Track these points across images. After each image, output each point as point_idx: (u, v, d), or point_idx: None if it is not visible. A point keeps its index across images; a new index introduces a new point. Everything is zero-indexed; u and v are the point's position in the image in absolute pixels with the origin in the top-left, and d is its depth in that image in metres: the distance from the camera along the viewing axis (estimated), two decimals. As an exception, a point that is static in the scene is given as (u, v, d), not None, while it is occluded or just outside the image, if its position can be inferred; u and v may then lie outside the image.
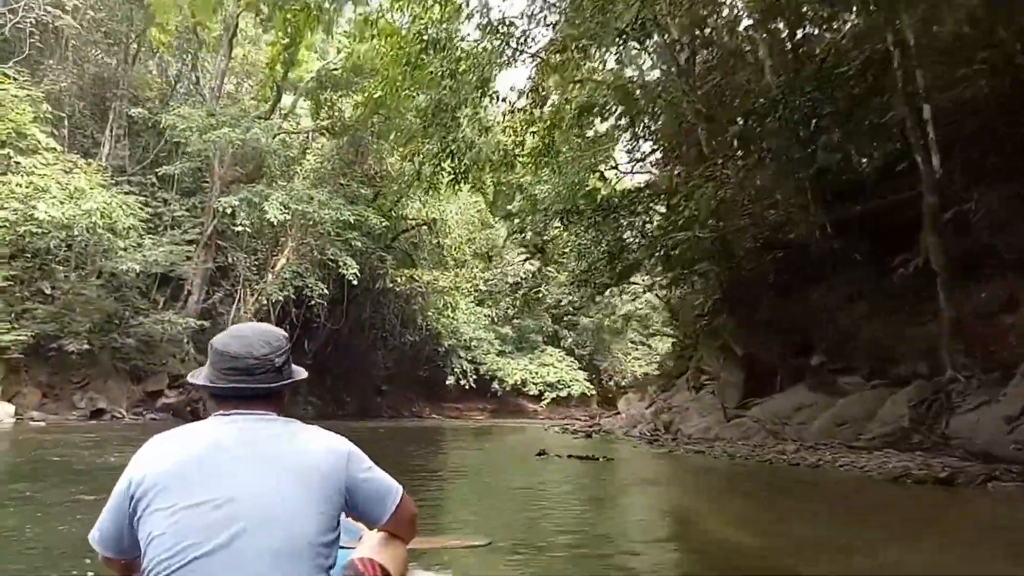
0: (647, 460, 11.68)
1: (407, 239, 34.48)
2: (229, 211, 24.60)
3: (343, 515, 1.83)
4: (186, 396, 25.71)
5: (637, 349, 54.74)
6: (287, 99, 31.75)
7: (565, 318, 50.89)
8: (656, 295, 25.15)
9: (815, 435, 11.66)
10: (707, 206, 11.02)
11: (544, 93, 17.55)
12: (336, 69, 28.22)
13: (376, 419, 34.20)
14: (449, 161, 18.47)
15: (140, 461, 1.74)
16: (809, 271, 13.24)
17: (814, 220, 11.68)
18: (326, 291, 27.80)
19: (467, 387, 43.56)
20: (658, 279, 24.83)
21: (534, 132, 18.20)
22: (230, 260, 28.54)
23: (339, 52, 28.93)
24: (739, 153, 13.01)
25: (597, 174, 25.08)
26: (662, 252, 16.09)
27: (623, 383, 53.26)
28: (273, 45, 27.68)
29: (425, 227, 33.87)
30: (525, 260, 45.64)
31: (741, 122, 13.05)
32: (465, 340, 42.16)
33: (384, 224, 29.40)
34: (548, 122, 18.12)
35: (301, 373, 2.02)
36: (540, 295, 50.64)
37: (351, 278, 27.31)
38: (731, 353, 15.45)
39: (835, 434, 11.48)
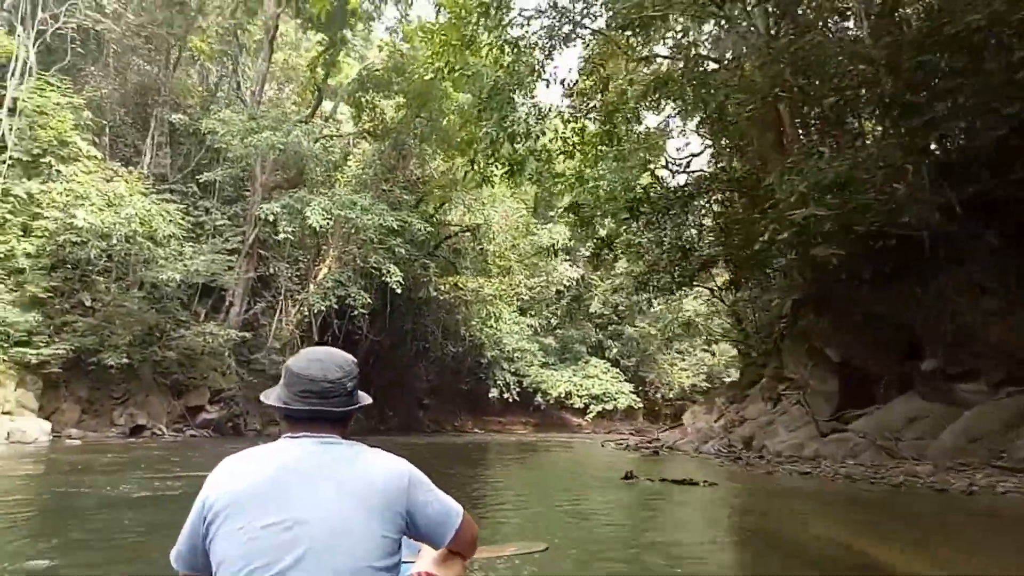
0: (754, 484, 10.12)
1: (450, 246, 33.34)
2: (271, 219, 23.68)
3: (403, 538, 1.84)
4: (227, 411, 24.80)
5: (684, 359, 52.87)
6: (328, 104, 31.00)
7: (610, 327, 49.33)
8: (719, 298, 23.55)
9: (942, 453, 10.05)
10: (815, 180, 9.49)
11: (605, 74, 16.19)
12: (378, 70, 27.30)
13: (420, 434, 33.07)
14: (507, 146, 17.25)
15: (213, 482, 1.80)
16: (917, 262, 11.56)
17: (931, 200, 10.05)
18: (369, 300, 26.71)
19: (511, 400, 42.17)
20: (722, 280, 23.41)
21: (594, 117, 16.84)
22: (271, 270, 27.68)
23: (381, 50, 28.00)
24: (834, 128, 11.44)
25: (649, 171, 23.70)
26: (739, 245, 14.66)
27: (670, 395, 51.47)
28: (314, 48, 26.87)
29: (468, 233, 32.70)
30: (570, 265, 44.49)
31: (834, 95, 11.49)
32: (508, 351, 40.83)
33: (428, 229, 28.29)
34: (610, 107, 16.74)
35: (367, 398, 2.10)
36: (585, 303, 49.43)
37: (395, 286, 26.20)
38: (822, 358, 13.86)
39: (968, 452, 9.87)
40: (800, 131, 13.55)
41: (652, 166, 23.28)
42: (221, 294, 26.00)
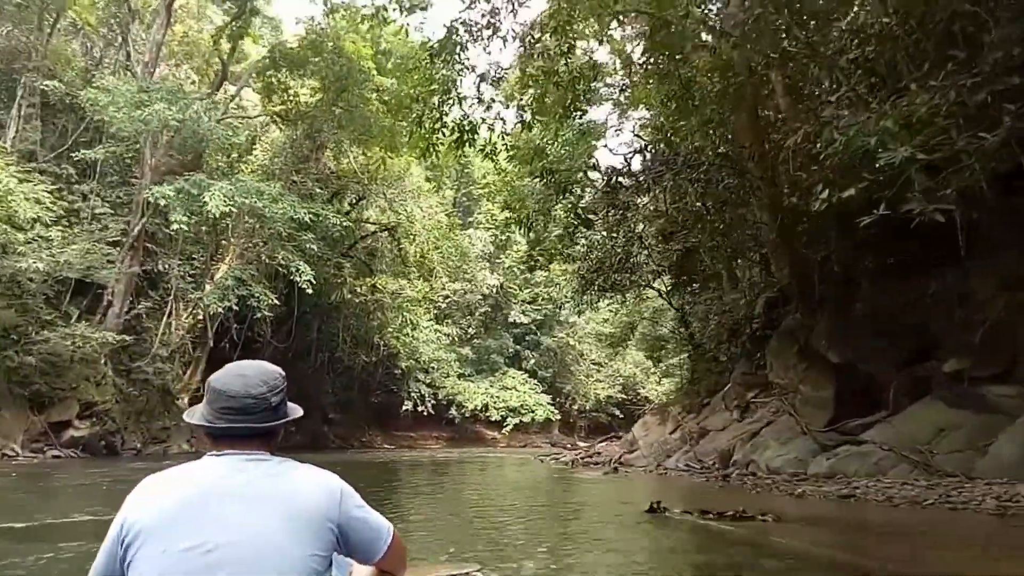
0: (814, 513, 8.15)
1: (365, 247, 30.59)
2: (162, 203, 20.35)
3: (335, 553, 1.79)
4: (100, 428, 21.17)
5: (599, 371, 51.81)
6: (233, 90, 27.74)
7: (527, 337, 47.59)
8: (668, 300, 22.00)
9: (1003, 469, 8.44)
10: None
11: (573, 36, 14.23)
12: (293, 47, 24.44)
13: (325, 451, 30.00)
14: (456, 109, 15.06)
15: (131, 504, 1.73)
16: (929, 249, 10.07)
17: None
18: (275, 301, 23.65)
19: (426, 413, 39.60)
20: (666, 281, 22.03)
21: (556, 82, 14.81)
22: (161, 267, 24.12)
23: (297, 23, 25.15)
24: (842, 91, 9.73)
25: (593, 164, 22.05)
26: (720, 231, 13.09)
27: (587, 407, 50.22)
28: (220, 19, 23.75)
29: (386, 233, 30.06)
30: (490, 272, 42.45)
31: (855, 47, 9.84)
32: (424, 361, 38.27)
33: (344, 224, 25.56)
34: (575, 72, 14.73)
35: (296, 411, 1.98)
36: (504, 312, 47.47)
37: (304, 286, 23.28)
38: (816, 361, 12.28)
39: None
40: (801, 97, 12.02)
41: (592, 159, 21.59)
42: (98, 292, 22.29)
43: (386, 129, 25.05)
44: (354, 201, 28.95)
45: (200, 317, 25.19)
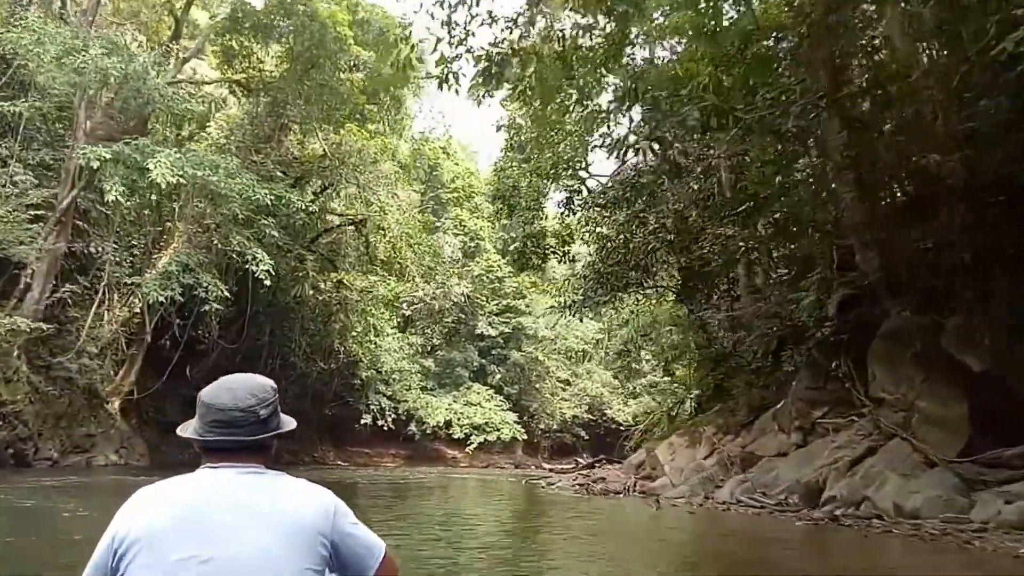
0: None
1: (329, 242, 27.50)
2: (95, 165, 17.06)
3: (326, 571, 1.76)
4: (8, 433, 17.64)
5: (565, 389, 49.28)
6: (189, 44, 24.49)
7: (494, 351, 44.76)
8: (686, 305, 19.56)
9: None
10: None
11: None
12: (257, 9, 21.50)
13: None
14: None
15: (124, 515, 1.70)
16: None
17: None
18: (226, 293, 20.41)
19: (386, 428, 36.36)
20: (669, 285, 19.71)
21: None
22: (94, 249, 20.68)
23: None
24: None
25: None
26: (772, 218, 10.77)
27: (554, 426, 47.57)
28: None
29: (352, 227, 27.03)
30: (459, 280, 39.60)
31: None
32: (386, 372, 35.12)
33: (310, 210, 22.53)
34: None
35: (289, 423, 1.96)
36: (470, 324, 44.58)
37: (263, 276, 20.12)
38: (941, 370, 9.81)
39: None
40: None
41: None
42: (15, 272, 18.81)
43: (360, 107, 22.24)
44: (319, 190, 25.94)
45: (137, 309, 21.79)
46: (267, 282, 20.30)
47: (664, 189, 13.88)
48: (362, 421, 35.24)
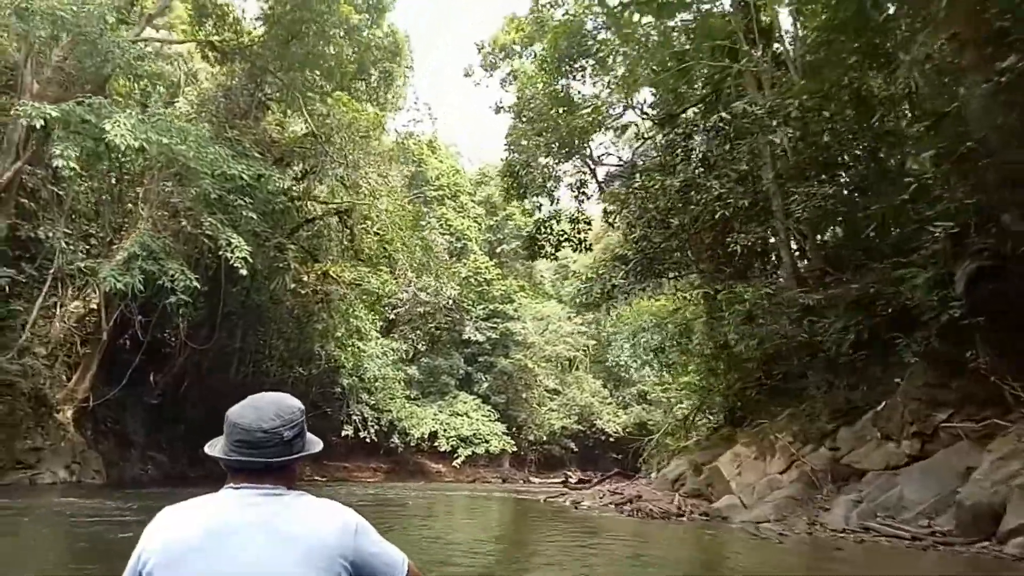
0: None
1: (309, 236, 24.79)
2: (38, 124, 14.26)
3: None
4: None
5: (553, 399, 46.85)
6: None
7: (480, 358, 42.16)
8: (715, 300, 17.25)
9: None
10: None
11: None
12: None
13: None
14: None
15: (150, 534, 1.73)
16: None
17: None
18: (195, 283, 17.61)
19: (369, 440, 33.55)
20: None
21: None
22: (42, 233, 17.83)
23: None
24: None
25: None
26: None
27: (544, 438, 45.06)
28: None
29: (336, 218, 24.35)
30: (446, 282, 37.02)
31: None
32: (368, 379, 32.37)
33: (293, 193, 19.91)
34: None
35: (315, 445, 1.92)
36: (456, 329, 41.94)
37: (238, 264, 17.44)
38: None
39: None
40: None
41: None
42: (-57, 257, 15.95)
43: (349, 79, 19.74)
44: (301, 175, 23.29)
45: (94, 304, 18.95)
46: (243, 271, 17.57)
47: (728, 150, 11.65)
48: (343, 432, 32.37)
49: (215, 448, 1.84)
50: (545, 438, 44.43)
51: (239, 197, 18.02)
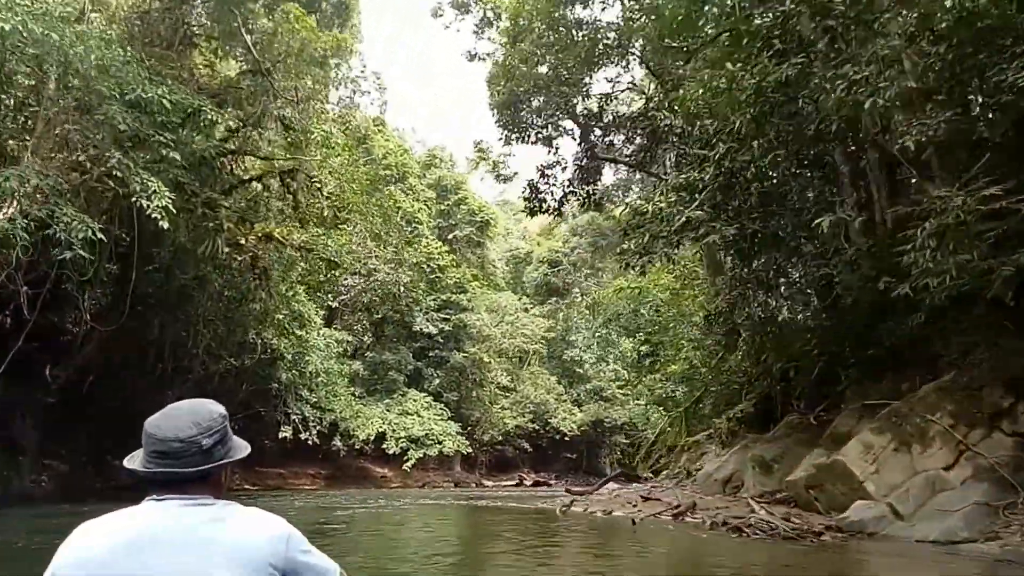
0: None
1: (246, 195, 20.62)
2: None
3: None
4: None
5: (507, 396, 43.58)
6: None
7: (431, 352, 38.38)
8: (740, 277, 14.15)
9: None
10: None
11: None
12: None
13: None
14: None
15: (64, 551, 1.64)
16: None
17: None
18: (97, 234, 13.42)
19: (310, 443, 29.43)
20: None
21: None
22: None
23: None
24: None
25: None
26: None
27: (499, 438, 41.72)
28: None
29: (277, 180, 20.31)
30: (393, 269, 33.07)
31: None
32: (310, 374, 28.27)
33: (226, 150, 15.97)
34: None
35: (239, 451, 1.83)
36: (407, 321, 38.00)
37: (157, 215, 13.40)
38: None
39: None
40: None
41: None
42: None
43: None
44: (235, 127, 19.18)
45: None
46: (164, 223, 13.49)
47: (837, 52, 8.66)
48: (281, 434, 28.16)
49: (134, 461, 1.74)
50: (500, 438, 41.10)
51: (159, 132, 14.02)
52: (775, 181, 9.85)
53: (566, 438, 45.15)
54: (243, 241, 17.61)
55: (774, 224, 10.00)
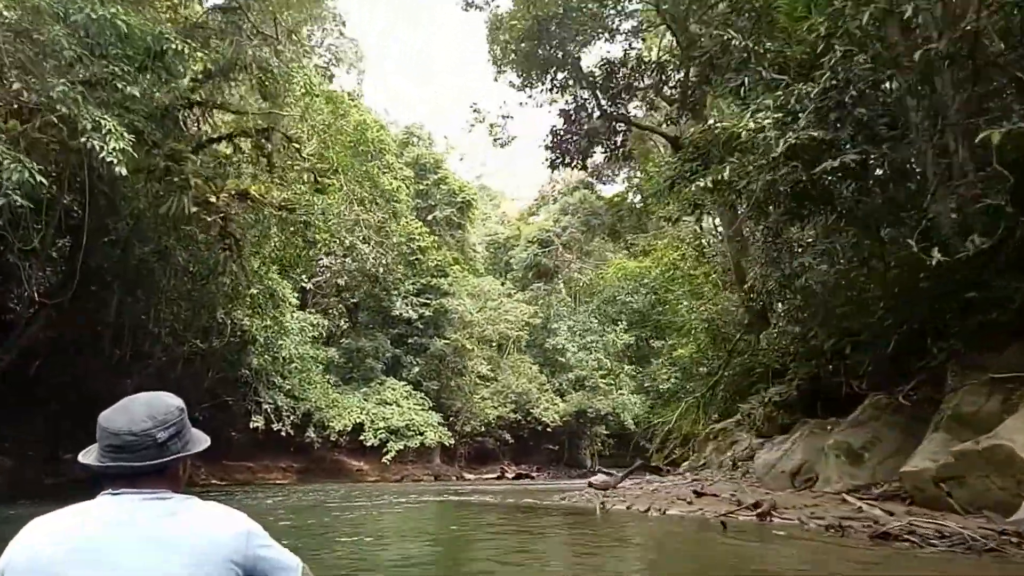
0: None
1: (215, 156, 18.25)
2: None
3: None
4: None
5: (488, 385, 41.57)
6: None
7: (411, 339, 36.21)
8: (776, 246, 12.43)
9: None
10: None
11: None
12: None
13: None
14: None
15: (16, 547, 1.58)
16: None
17: None
18: (40, 179, 11.09)
19: (284, 433, 27.16)
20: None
21: None
22: None
23: None
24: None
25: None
26: None
27: (482, 429, 39.75)
28: None
29: (249, 140, 17.98)
30: (372, 247, 30.79)
31: None
32: (283, 360, 25.97)
33: (192, 101, 13.73)
34: None
35: (198, 444, 1.80)
36: (384, 306, 35.74)
37: (113, 160, 11.16)
38: None
39: None
40: None
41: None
42: None
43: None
44: (202, 77, 16.77)
45: None
46: (120, 170, 11.27)
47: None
48: (252, 424, 25.84)
49: (89, 455, 1.69)
50: (481, 429, 39.16)
51: (113, 64, 11.77)
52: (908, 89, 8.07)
53: (548, 429, 43.38)
54: (213, 199, 15.28)
55: (903, 148, 8.22)
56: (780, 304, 13.85)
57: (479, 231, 46.37)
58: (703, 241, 20.90)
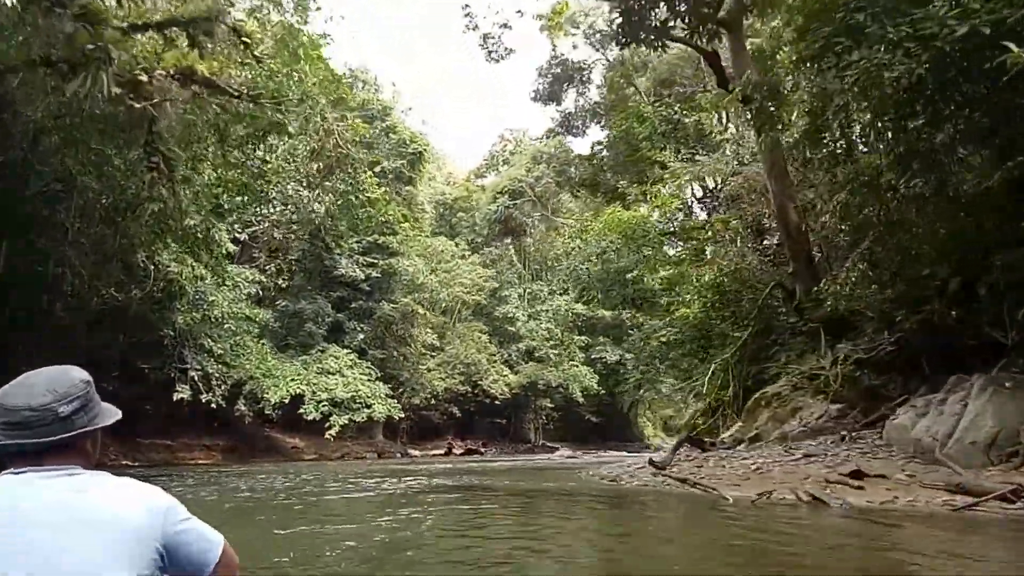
0: None
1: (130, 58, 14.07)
2: None
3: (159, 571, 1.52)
4: None
5: (433, 356, 38.22)
6: None
7: (355, 303, 32.36)
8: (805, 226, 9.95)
9: None
10: None
11: None
12: None
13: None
14: None
15: None
16: None
17: None
18: None
19: (215, 406, 23.06)
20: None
21: None
22: None
23: None
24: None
25: None
26: None
27: (429, 401, 36.45)
28: None
29: (184, 31, 13.89)
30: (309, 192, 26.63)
31: None
32: (215, 319, 21.84)
33: None
34: None
35: (106, 416, 1.64)
36: (326, 265, 31.42)
37: None
38: None
39: None
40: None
41: None
42: None
43: None
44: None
45: None
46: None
47: None
48: (176, 396, 21.65)
49: None
50: (430, 401, 35.92)
51: None
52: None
53: (496, 402, 40.64)
54: (143, 78, 11.27)
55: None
56: (865, 241, 11.43)
57: (426, 190, 42.62)
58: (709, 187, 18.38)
